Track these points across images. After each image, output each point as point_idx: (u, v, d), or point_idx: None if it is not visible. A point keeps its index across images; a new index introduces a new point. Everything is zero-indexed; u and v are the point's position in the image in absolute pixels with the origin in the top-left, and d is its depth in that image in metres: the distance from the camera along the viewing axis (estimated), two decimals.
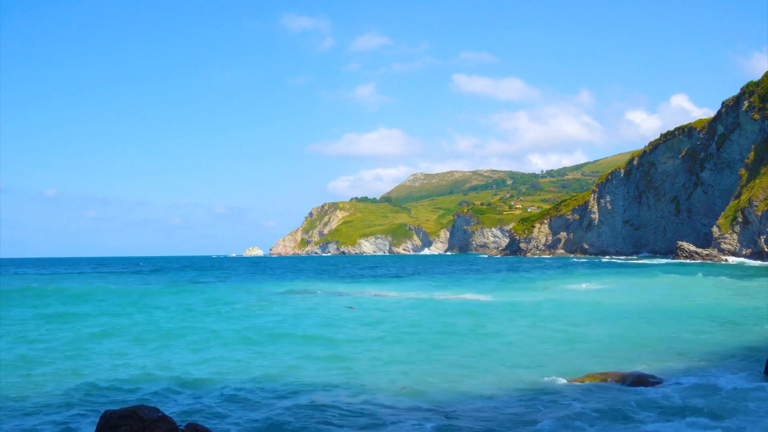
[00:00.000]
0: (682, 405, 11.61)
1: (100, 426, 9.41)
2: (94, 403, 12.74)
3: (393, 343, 19.71)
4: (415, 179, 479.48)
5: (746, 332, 20.62)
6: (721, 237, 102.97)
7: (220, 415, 11.83)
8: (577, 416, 11.11)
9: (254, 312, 29.84)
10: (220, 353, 18.43)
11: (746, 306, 28.27)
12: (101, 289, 46.91)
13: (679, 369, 14.96)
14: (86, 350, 19.11)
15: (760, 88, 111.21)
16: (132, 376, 15.37)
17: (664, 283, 46.49)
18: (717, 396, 12.19)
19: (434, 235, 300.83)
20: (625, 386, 12.81)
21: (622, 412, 11.32)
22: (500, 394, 12.90)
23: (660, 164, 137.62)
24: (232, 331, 23.14)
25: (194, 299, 37.32)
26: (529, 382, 13.90)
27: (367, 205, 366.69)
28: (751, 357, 16.09)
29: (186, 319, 27.41)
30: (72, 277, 74.69)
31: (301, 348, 19.13)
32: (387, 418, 11.33)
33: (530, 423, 10.85)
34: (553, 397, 12.58)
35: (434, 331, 22.29)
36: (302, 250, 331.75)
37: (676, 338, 19.66)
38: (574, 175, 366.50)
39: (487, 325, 23.62)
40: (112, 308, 32.39)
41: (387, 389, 13.49)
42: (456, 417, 11.36)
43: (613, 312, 27.28)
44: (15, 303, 35.27)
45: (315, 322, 25.54)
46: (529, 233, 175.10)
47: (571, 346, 18.47)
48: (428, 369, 15.61)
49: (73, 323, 25.76)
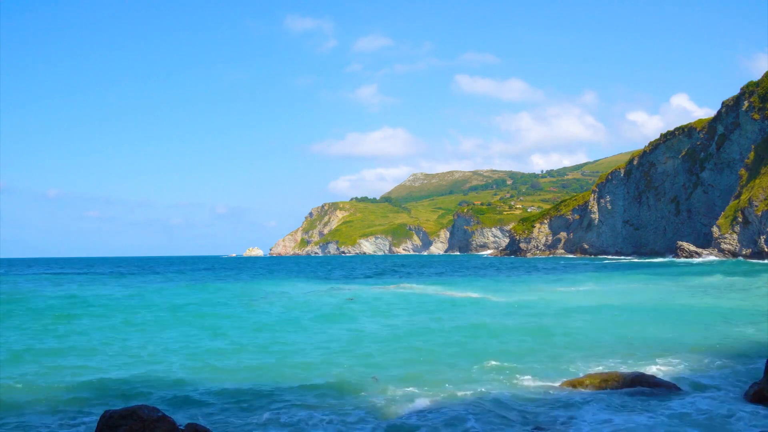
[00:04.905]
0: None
1: (100, 426, 9.42)
2: (94, 402, 12.72)
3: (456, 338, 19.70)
4: (415, 179, 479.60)
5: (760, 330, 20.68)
6: (721, 237, 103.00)
7: (221, 414, 11.82)
8: (576, 416, 11.13)
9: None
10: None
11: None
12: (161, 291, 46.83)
13: (683, 370, 14.99)
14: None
15: (760, 88, 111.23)
16: (133, 375, 15.36)
17: (677, 283, 46.46)
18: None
19: (434, 235, 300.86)
20: (625, 387, 12.83)
21: (622, 411, 11.33)
22: (498, 394, 12.89)
23: (660, 164, 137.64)
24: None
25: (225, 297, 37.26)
26: (527, 382, 13.90)
27: (367, 205, 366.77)
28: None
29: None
30: (96, 279, 74.60)
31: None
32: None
33: (527, 423, 10.85)
34: (553, 397, 12.59)
35: (434, 331, 22.32)
36: (302, 250, 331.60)
37: (679, 338, 19.69)
38: (574, 175, 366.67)
39: (487, 324, 23.61)
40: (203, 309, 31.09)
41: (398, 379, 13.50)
42: (450, 416, 11.35)
43: (612, 312, 27.27)
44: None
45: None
46: (529, 233, 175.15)
47: (571, 347, 18.47)
48: (412, 366, 15.61)
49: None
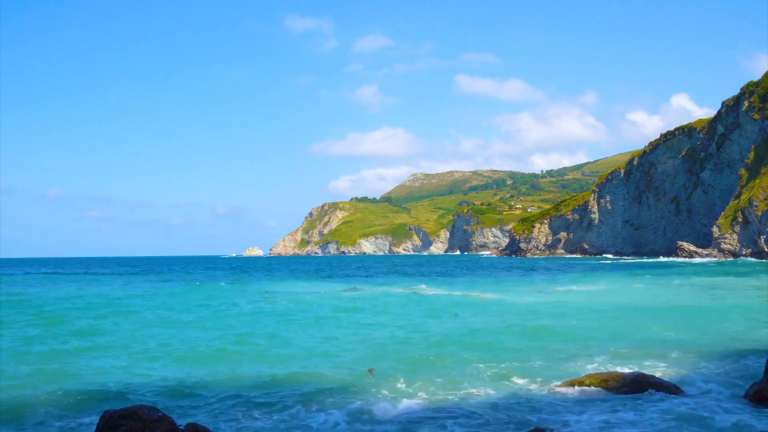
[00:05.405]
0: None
1: (100, 426, 9.41)
2: (94, 402, 12.72)
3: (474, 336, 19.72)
4: (415, 179, 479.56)
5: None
6: (721, 237, 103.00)
7: (221, 414, 11.81)
8: (576, 417, 11.12)
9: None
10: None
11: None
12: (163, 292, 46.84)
13: (684, 370, 14.99)
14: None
15: (760, 88, 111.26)
16: (133, 375, 15.37)
17: (677, 283, 46.45)
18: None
19: (434, 235, 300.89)
20: (625, 387, 12.82)
21: (623, 412, 11.34)
22: (498, 394, 12.89)
23: (660, 164, 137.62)
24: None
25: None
26: (526, 382, 13.89)
27: (367, 205, 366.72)
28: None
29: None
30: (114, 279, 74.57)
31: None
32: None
33: (527, 424, 10.83)
34: (553, 398, 12.59)
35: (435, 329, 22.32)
36: (302, 250, 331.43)
37: (679, 338, 19.68)
38: (574, 175, 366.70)
39: (488, 324, 23.62)
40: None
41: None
42: (449, 416, 11.35)
43: (613, 312, 27.26)
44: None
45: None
46: (529, 233, 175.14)
47: (570, 347, 18.46)
48: (410, 366, 15.60)
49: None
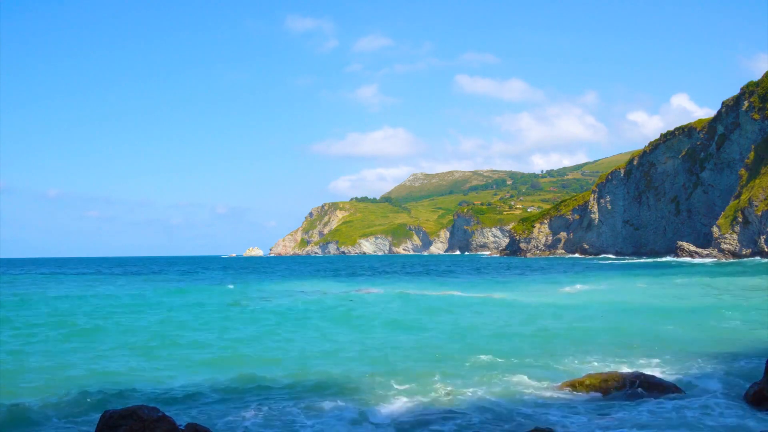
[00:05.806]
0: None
1: (101, 426, 9.41)
2: (94, 402, 12.71)
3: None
4: (415, 179, 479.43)
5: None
6: (721, 237, 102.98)
7: (221, 414, 11.80)
8: (576, 417, 11.13)
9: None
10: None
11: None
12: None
13: (684, 370, 14.99)
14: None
15: (760, 88, 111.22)
16: (133, 375, 15.37)
17: (677, 283, 46.45)
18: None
19: (434, 235, 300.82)
20: (625, 387, 12.83)
21: (623, 412, 11.34)
22: (498, 394, 12.89)
23: (660, 164, 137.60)
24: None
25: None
26: (526, 382, 13.89)
27: (367, 205, 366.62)
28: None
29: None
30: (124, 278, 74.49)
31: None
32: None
33: (527, 424, 10.83)
34: (553, 398, 12.59)
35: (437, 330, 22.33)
36: (302, 250, 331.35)
37: (679, 338, 19.68)
38: (574, 175, 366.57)
39: (488, 324, 23.62)
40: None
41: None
42: (449, 416, 11.34)
43: (612, 312, 27.26)
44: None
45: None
46: (529, 233, 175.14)
47: (571, 347, 18.46)
48: (410, 366, 15.60)
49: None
